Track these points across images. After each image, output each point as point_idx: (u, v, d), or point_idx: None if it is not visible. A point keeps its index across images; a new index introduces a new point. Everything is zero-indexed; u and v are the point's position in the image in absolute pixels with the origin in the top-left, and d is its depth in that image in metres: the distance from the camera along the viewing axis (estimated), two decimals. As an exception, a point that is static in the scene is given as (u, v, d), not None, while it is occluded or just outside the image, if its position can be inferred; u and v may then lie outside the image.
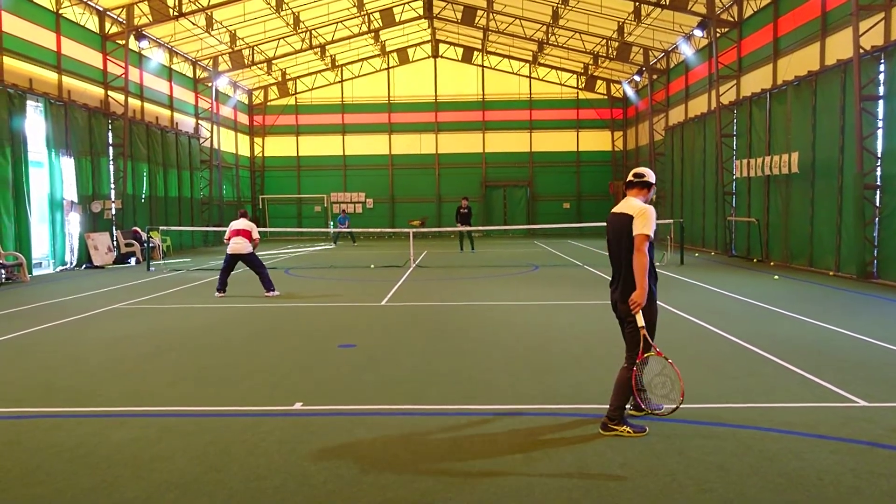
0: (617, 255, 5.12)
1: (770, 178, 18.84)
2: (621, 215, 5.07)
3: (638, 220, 4.93)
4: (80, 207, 20.04)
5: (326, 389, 6.38)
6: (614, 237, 5.13)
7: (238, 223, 13.19)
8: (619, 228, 5.06)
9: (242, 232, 13.02)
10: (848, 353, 7.47)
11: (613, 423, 5.00)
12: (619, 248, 5.08)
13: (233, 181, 35.08)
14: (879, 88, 14.13)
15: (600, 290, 13.24)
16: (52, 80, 19.74)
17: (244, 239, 12.96)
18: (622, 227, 5.02)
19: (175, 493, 4.09)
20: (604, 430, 5.01)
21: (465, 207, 23.58)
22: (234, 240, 13.00)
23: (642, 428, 5.01)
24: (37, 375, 7.01)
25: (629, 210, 5.03)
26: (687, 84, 26.90)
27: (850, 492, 3.98)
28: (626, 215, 5.02)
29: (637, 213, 4.97)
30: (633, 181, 5.20)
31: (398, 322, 10.03)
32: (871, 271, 14.24)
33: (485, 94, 37.54)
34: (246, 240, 12.97)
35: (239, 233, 13.02)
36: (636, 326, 5.00)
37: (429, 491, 4.07)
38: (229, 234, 13.14)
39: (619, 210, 5.14)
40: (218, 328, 9.67)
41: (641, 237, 4.90)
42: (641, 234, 4.90)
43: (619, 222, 5.06)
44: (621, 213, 5.08)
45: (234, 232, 13.06)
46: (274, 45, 30.62)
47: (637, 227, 4.92)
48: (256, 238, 13.13)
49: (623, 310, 5.08)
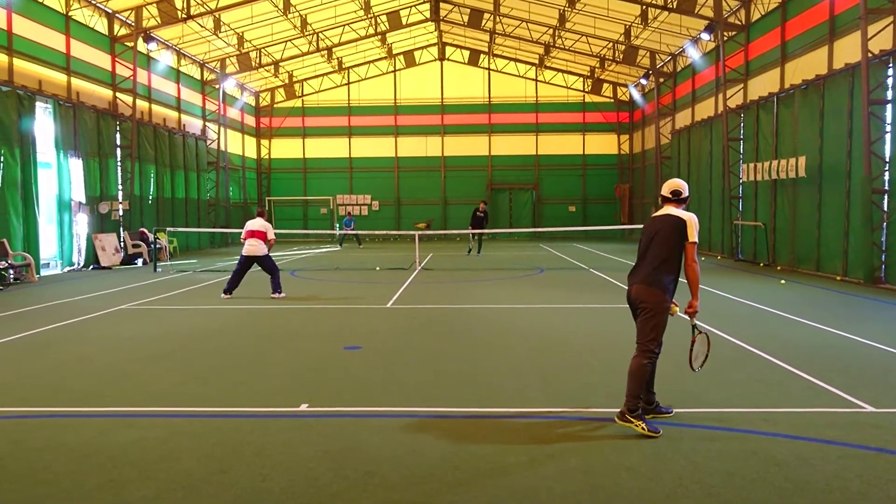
0: (653, 246, 5.21)
1: (777, 182, 18.78)
2: (671, 217, 5.23)
3: (691, 229, 5.11)
4: (87, 208, 20.13)
5: (332, 391, 6.39)
6: (655, 232, 5.24)
7: (254, 223, 13.02)
8: (663, 227, 5.20)
9: (258, 234, 12.84)
10: (855, 359, 7.44)
11: (632, 414, 5.04)
12: (659, 240, 5.18)
13: (239, 183, 35.19)
14: (888, 93, 14.07)
15: (606, 293, 13.22)
16: (61, 81, 19.86)
17: (259, 241, 12.80)
18: (668, 227, 5.17)
19: (182, 493, 4.10)
20: (620, 419, 5.06)
21: (482, 211, 23.37)
22: (249, 241, 12.85)
23: (657, 429, 5.00)
24: (44, 375, 7.05)
25: (680, 215, 5.21)
26: (694, 87, 26.86)
27: (857, 497, 3.96)
28: (678, 218, 5.18)
29: (689, 220, 5.15)
30: (671, 198, 5.37)
31: (404, 324, 10.04)
32: (878, 276, 14.17)
33: (491, 96, 37.57)
34: (261, 241, 12.82)
35: (254, 234, 12.84)
36: (651, 315, 5.10)
37: (434, 492, 4.07)
38: (245, 234, 12.99)
39: (666, 212, 5.31)
40: (224, 329, 9.70)
41: (693, 247, 5.11)
42: (693, 242, 5.11)
43: (666, 221, 5.22)
44: (671, 216, 5.25)
45: (250, 233, 12.90)
46: (281, 47, 30.72)
47: (691, 234, 5.11)
48: (272, 239, 12.97)
49: (642, 297, 5.16)
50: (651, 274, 5.13)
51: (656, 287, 5.11)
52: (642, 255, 5.30)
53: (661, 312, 5.10)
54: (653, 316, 5.10)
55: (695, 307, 5.21)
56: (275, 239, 13.15)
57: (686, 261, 5.11)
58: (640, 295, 5.17)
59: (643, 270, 5.21)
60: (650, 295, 5.11)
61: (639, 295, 5.18)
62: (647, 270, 5.16)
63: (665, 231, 5.15)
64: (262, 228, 12.95)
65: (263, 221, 13.12)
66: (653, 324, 5.10)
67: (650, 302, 5.11)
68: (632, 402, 5.04)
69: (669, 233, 5.13)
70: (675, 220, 5.16)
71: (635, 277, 5.28)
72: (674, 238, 5.12)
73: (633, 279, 5.30)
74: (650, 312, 5.11)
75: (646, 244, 5.28)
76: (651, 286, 5.12)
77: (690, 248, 5.09)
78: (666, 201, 5.40)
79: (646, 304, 5.12)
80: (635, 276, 5.29)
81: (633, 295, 5.25)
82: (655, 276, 5.11)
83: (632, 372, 5.10)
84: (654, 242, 5.19)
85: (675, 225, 5.14)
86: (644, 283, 5.15)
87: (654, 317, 5.10)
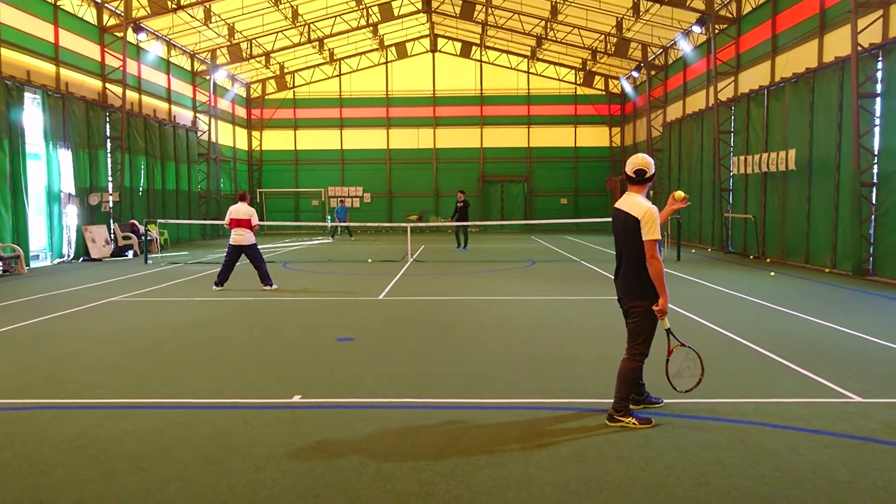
0: (620, 250, 5.14)
1: (767, 175, 18.88)
2: (626, 215, 5.00)
3: (645, 226, 4.87)
4: (77, 200, 20.00)
5: (325, 382, 6.41)
6: (620, 232, 5.11)
7: (238, 209, 12.68)
8: (624, 227, 5.03)
9: (243, 222, 12.58)
10: (843, 350, 7.53)
11: (619, 414, 5.05)
12: (623, 243, 5.07)
13: (230, 175, 35.02)
14: (877, 86, 14.16)
15: (597, 285, 13.28)
16: (49, 72, 19.68)
17: (245, 229, 12.57)
18: (627, 227, 4.98)
19: (176, 484, 4.12)
20: (610, 421, 5.06)
21: (461, 201, 22.14)
22: (235, 231, 12.63)
23: (648, 419, 5.06)
24: (36, 367, 7.03)
25: (634, 211, 4.95)
26: (685, 80, 26.91)
27: (844, 486, 4.02)
28: (632, 217, 4.95)
29: (643, 216, 4.88)
30: (634, 178, 5.10)
31: (396, 316, 10.06)
32: (866, 268, 14.30)
33: (483, 89, 37.51)
34: (247, 230, 12.57)
35: (240, 223, 12.58)
36: (640, 319, 5.02)
37: (428, 482, 4.10)
38: (228, 220, 12.68)
39: (623, 207, 5.07)
40: (216, 321, 9.69)
41: (651, 244, 4.87)
42: (651, 240, 4.87)
43: (624, 222, 5.01)
44: (626, 213, 5.01)
45: (235, 222, 12.62)
46: (272, 38, 30.53)
47: (646, 232, 4.87)
48: (255, 224, 12.70)
49: (627, 303, 5.11)
50: (634, 280, 5.00)
51: (642, 292, 4.99)
52: (619, 259, 5.18)
53: (649, 316, 5.01)
54: (641, 321, 5.04)
55: (662, 305, 4.92)
56: (258, 225, 12.84)
57: (646, 258, 4.89)
58: (627, 300, 5.10)
59: (627, 277, 5.07)
60: (637, 301, 5.02)
61: (626, 300, 5.12)
62: (631, 277, 5.03)
63: (630, 241, 4.97)
64: (247, 215, 12.62)
65: (247, 207, 12.73)
66: (642, 327, 5.04)
67: (638, 308, 5.02)
68: (620, 404, 5.05)
69: (633, 236, 4.93)
70: (633, 222, 4.93)
71: (620, 282, 5.18)
72: (638, 241, 4.92)
73: (618, 283, 5.20)
74: (638, 317, 5.04)
75: (620, 246, 5.13)
76: (636, 292, 5.01)
77: (649, 246, 4.87)
78: (630, 182, 5.13)
79: (634, 310, 5.05)
80: (619, 280, 5.19)
81: (621, 299, 5.19)
82: (639, 282, 4.99)
83: (621, 374, 5.07)
84: (625, 246, 5.04)
85: (634, 228, 4.92)
86: (630, 290, 5.06)
87: (642, 321, 5.03)
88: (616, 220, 5.15)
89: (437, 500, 3.89)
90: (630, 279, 5.03)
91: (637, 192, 5.10)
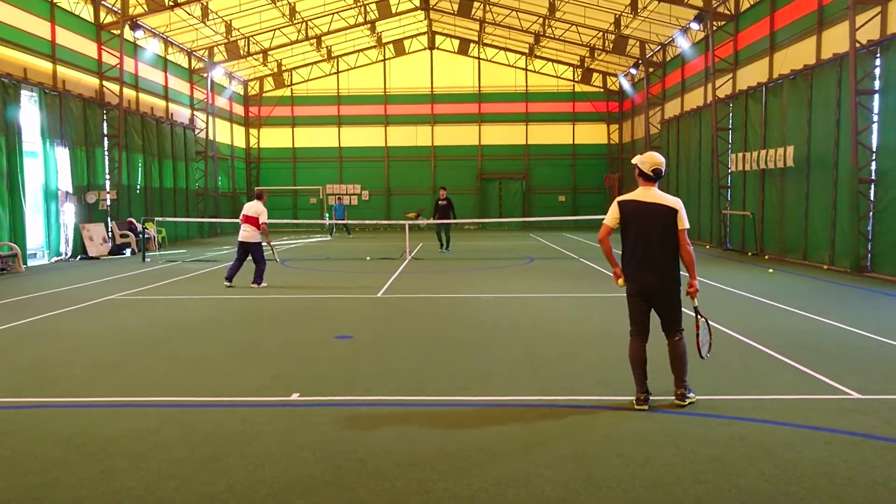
0: (656, 241, 5.33)
1: (765, 172, 18.88)
2: (662, 206, 5.32)
3: (682, 214, 5.33)
4: (74, 198, 19.95)
5: (323, 380, 6.39)
6: (653, 225, 5.33)
7: (249, 206, 12.77)
8: (659, 218, 5.32)
9: (251, 219, 12.57)
10: (842, 346, 7.53)
11: (688, 392, 5.45)
12: (660, 234, 5.32)
13: (228, 172, 34.98)
14: (875, 83, 14.15)
15: (596, 282, 13.27)
16: (46, 69, 19.62)
17: (252, 227, 12.55)
18: (664, 217, 5.31)
19: (173, 482, 4.10)
20: (681, 400, 5.41)
21: (443, 199, 20.47)
22: (242, 227, 12.66)
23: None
24: (33, 366, 7.01)
25: (669, 203, 5.33)
26: (683, 77, 26.90)
27: (843, 482, 4.02)
28: (670, 208, 5.31)
29: (678, 206, 5.33)
30: (652, 176, 5.42)
31: (394, 314, 10.05)
32: (864, 265, 14.31)
33: (481, 86, 37.47)
34: (253, 228, 12.54)
35: (248, 220, 12.59)
36: (676, 300, 5.42)
37: (426, 480, 4.09)
38: (241, 216, 12.82)
39: (653, 200, 5.36)
40: (214, 319, 9.67)
41: (685, 232, 5.34)
42: (686, 228, 5.34)
43: (660, 212, 5.32)
44: (661, 205, 5.33)
45: (244, 218, 12.69)
46: (269, 35, 30.48)
47: (682, 221, 5.31)
48: (264, 223, 12.60)
49: (661, 288, 5.39)
50: (671, 266, 5.36)
51: (676, 276, 5.41)
52: (653, 251, 5.32)
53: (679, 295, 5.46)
54: (677, 301, 5.46)
55: (695, 286, 5.42)
56: (267, 224, 12.73)
57: (681, 245, 5.32)
58: (662, 286, 5.38)
59: (663, 265, 5.34)
60: (673, 284, 5.39)
61: (661, 286, 5.38)
62: (667, 264, 5.35)
63: (665, 224, 5.30)
64: (255, 213, 12.62)
65: (259, 206, 12.71)
66: (679, 306, 5.46)
67: (675, 290, 5.41)
68: (685, 381, 5.43)
69: (668, 225, 5.30)
70: (671, 212, 5.31)
71: (650, 270, 5.35)
72: (672, 230, 5.31)
73: (647, 272, 5.36)
74: (675, 299, 5.44)
75: (655, 238, 5.31)
76: (673, 276, 5.39)
77: (683, 235, 5.31)
78: (646, 179, 5.43)
79: (671, 293, 5.40)
80: (648, 269, 5.35)
81: (656, 288, 5.39)
82: (674, 267, 5.38)
83: (681, 354, 5.40)
84: (659, 235, 5.30)
85: (672, 217, 5.30)
86: (667, 276, 5.37)
87: (677, 301, 5.46)
88: (640, 212, 5.37)
89: (435, 498, 3.88)
90: (666, 266, 5.35)
91: (653, 187, 5.44)
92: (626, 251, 5.46)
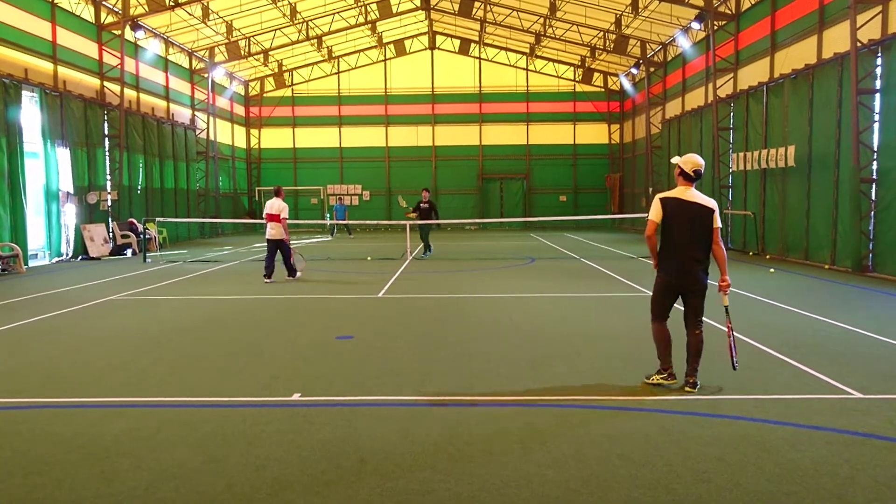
0: (694, 237, 5.72)
1: (766, 172, 18.86)
2: (701, 206, 5.73)
3: (717, 215, 5.75)
4: (75, 198, 19.96)
5: (325, 380, 6.39)
6: (692, 223, 5.71)
7: (270, 203, 13.60)
8: (698, 216, 5.72)
9: (274, 217, 13.42)
10: (843, 346, 7.52)
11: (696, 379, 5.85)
12: (698, 232, 5.72)
13: (229, 173, 34.99)
14: (876, 82, 14.14)
15: (597, 282, 13.26)
16: (47, 70, 19.63)
17: (276, 224, 13.38)
18: (703, 215, 5.72)
19: (174, 482, 4.10)
20: (692, 388, 5.77)
21: (425, 201, 19.04)
22: (268, 225, 13.51)
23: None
24: (35, 366, 7.01)
25: (709, 203, 5.75)
26: (684, 77, 26.89)
27: (845, 482, 4.01)
28: (708, 208, 5.73)
29: (716, 207, 5.76)
30: (693, 177, 5.79)
31: (395, 314, 10.04)
32: (866, 265, 14.29)
33: (482, 86, 37.47)
34: (278, 224, 13.37)
35: (271, 218, 13.45)
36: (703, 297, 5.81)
37: (427, 480, 4.09)
38: (265, 214, 13.69)
39: (693, 199, 5.74)
40: (215, 319, 9.67)
41: (719, 230, 5.76)
42: (720, 227, 5.77)
43: (699, 211, 5.73)
44: (701, 205, 5.73)
45: (268, 216, 13.53)
46: (270, 35, 30.49)
47: (717, 220, 5.74)
48: (284, 218, 13.43)
49: (695, 284, 5.76)
50: (706, 264, 5.80)
51: (707, 273, 5.82)
52: (689, 241, 5.71)
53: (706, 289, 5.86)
54: (704, 294, 5.84)
55: (728, 281, 5.80)
56: (287, 219, 13.58)
57: (714, 242, 5.75)
58: (697, 282, 5.76)
59: (701, 262, 5.75)
60: (705, 282, 5.80)
61: (697, 282, 5.76)
62: (705, 262, 5.78)
63: (705, 222, 5.70)
64: (277, 210, 13.45)
65: (280, 203, 13.55)
66: (703, 300, 5.85)
67: (705, 286, 5.81)
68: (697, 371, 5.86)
69: (706, 224, 5.71)
70: (709, 212, 5.72)
71: (690, 266, 5.73)
72: (708, 228, 5.72)
73: (689, 268, 5.73)
74: (703, 296, 5.84)
75: (699, 234, 5.70)
76: (705, 272, 5.81)
77: (717, 233, 5.74)
78: (686, 179, 5.81)
79: (702, 290, 5.80)
80: (689, 264, 5.73)
81: (691, 280, 5.76)
82: (706, 264, 5.80)
83: (698, 347, 5.84)
84: (696, 232, 5.70)
85: (710, 216, 5.71)
86: (703, 273, 5.79)
87: (704, 294, 5.85)
88: (681, 210, 5.73)
89: (436, 497, 3.87)
90: (704, 264, 5.78)
91: (692, 187, 5.81)
92: (665, 245, 5.83)
